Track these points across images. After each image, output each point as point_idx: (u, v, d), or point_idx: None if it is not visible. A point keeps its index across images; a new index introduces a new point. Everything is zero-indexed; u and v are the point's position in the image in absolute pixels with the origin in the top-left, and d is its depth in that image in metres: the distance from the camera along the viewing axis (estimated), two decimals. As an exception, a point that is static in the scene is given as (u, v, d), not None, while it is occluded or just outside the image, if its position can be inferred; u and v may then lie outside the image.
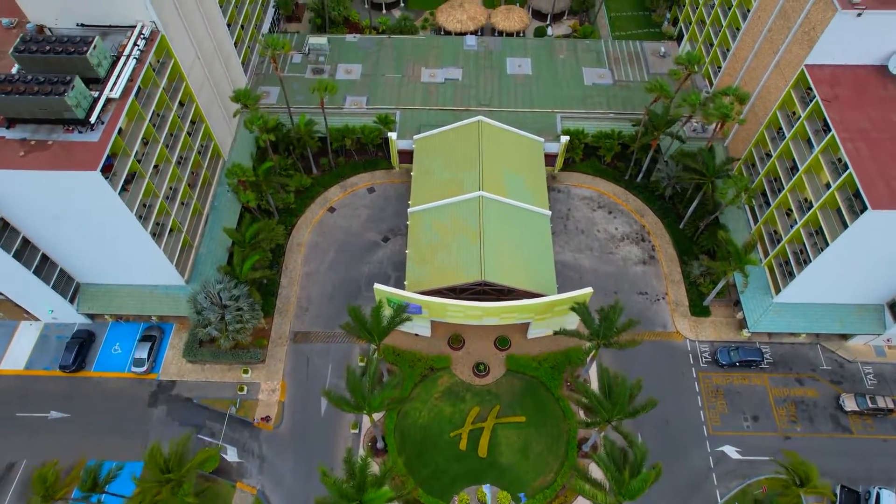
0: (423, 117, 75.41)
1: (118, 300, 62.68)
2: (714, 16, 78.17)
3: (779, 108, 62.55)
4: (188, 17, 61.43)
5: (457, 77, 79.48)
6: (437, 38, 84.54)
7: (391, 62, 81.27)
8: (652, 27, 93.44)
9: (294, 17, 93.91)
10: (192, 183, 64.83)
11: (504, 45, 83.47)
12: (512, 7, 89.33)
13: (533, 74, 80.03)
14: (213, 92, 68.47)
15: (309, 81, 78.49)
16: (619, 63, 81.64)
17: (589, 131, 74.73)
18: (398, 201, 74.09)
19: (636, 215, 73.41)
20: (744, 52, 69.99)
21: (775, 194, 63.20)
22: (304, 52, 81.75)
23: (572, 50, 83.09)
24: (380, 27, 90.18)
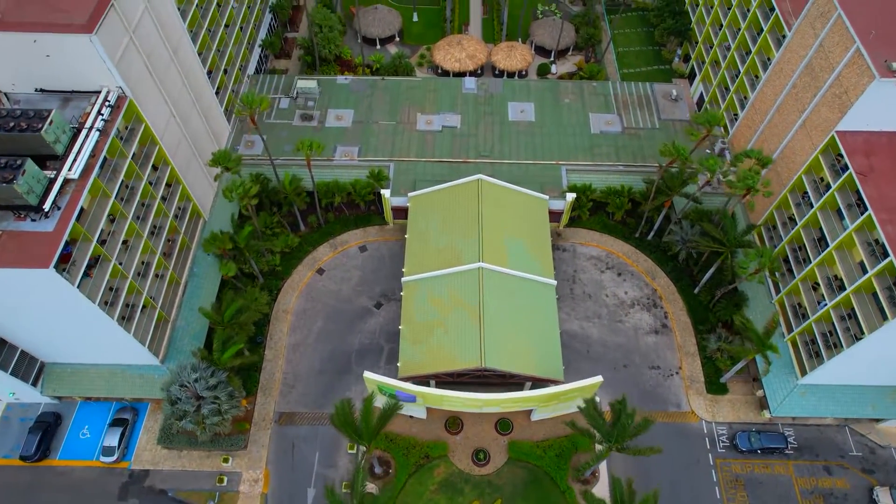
0: (418, 170, 70.35)
1: (86, 381, 57.67)
2: (730, 59, 73.09)
3: (805, 173, 57.55)
4: (161, 74, 56.34)
5: (455, 124, 74.38)
6: (434, 80, 79.39)
7: (385, 107, 76.16)
8: (662, 63, 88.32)
9: (283, 54, 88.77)
10: (169, 251, 59.81)
11: (505, 87, 78.35)
12: (513, 44, 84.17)
13: (536, 121, 74.91)
14: (192, 148, 63.42)
15: (297, 129, 73.63)
16: (627, 107, 76.53)
17: (597, 186, 69.70)
18: (392, 261, 69.07)
19: (647, 277, 68.36)
20: (764, 104, 64.92)
21: (800, 265, 58.19)
22: (293, 97, 76.63)
23: (578, 93, 77.97)
24: (373, 65, 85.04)
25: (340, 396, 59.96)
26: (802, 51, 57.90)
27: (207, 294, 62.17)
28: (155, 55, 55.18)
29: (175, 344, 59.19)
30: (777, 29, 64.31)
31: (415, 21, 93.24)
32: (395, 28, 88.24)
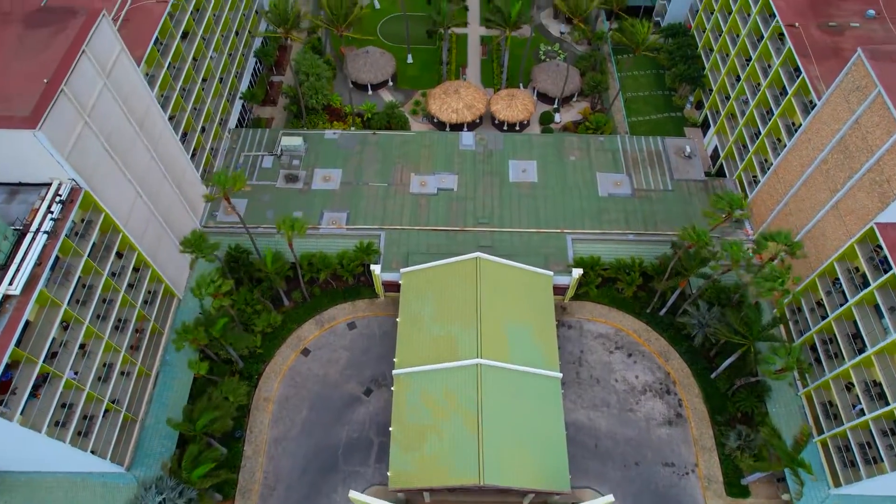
0: (411, 240, 64.87)
1: (43, 492, 52.15)
2: (749, 117, 67.62)
3: (837, 261, 52.07)
4: (124, 154, 50.86)
5: (451, 186, 68.86)
6: (429, 135, 73.81)
7: (376, 165, 70.63)
8: (673, 110, 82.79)
9: (268, 100, 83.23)
10: (137, 344, 54.37)
11: (506, 143, 72.78)
12: (514, 92, 78.56)
13: (539, 182, 69.41)
14: (162, 225, 57.94)
15: (281, 192, 68.18)
16: (637, 165, 71.00)
17: (605, 259, 64.29)
18: (383, 340, 63.61)
19: (660, 359, 62.91)
20: (789, 174, 59.43)
21: (831, 360, 52.76)
22: (277, 154, 71.09)
23: (584, 149, 72.44)
24: (365, 115, 79.50)
25: (326, 501, 54.92)
26: (835, 124, 52.39)
27: (181, 387, 56.83)
28: (117, 135, 49.69)
29: (143, 447, 53.81)
30: (803, 93, 58.86)
31: (409, 62, 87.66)
32: (387, 73, 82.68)
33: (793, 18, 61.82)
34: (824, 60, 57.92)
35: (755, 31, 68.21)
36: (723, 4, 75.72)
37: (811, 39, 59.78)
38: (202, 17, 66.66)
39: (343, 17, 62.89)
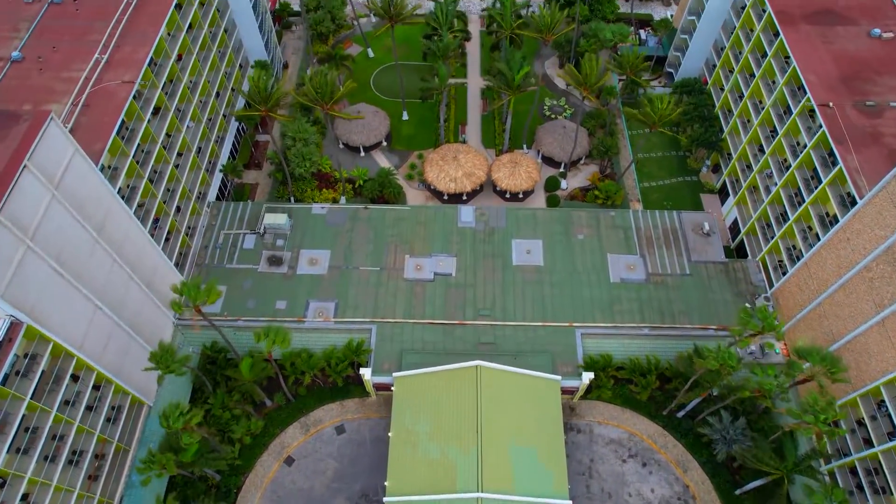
0: (405, 335, 59.07)
1: None
2: (775, 196, 61.83)
3: (885, 385, 46.23)
4: (80, 268, 45.07)
5: (449, 271, 63.04)
6: (425, 210, 67.92)
7: (367, 246, 64.81)
8: (688, 174, 76.97)
9: (253, 163, 77.47)
10: (96, 473, 48.52)
11: (508, 219, 66.94)
12: (517, 158, 72.69)
13: (545, 265, 63.59)
14: (128, 333, 52.08)
15: (264, 278, 62.45)
16: (652, 245, 65.19)
17: (618, 357, 58.56)
18: (374, 447, 57.83)
19: (678, 469, 57.06)
20: (823, 272, 53.58)
21: (878, 496, 46.85)
22: (259, 232, 65.30)
23: (594, 225, 66.61)
24: (357, 181, 73.70)
25: None
26: (880, 230, 46.56)
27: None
28: (70, 249, 43.89)
29: (102, 588, 47.94)
30: (839, 182, 53.04)
31: (404, 119, 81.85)
32: (381, 133, 76.86)
33: (825, 95, 56.04)
34: (863, 148, 52.15)
35: (781, 102, 62.49)
36: (743, 65, 69.98)
37: (847, 121, 53.98)
38: (176, 88, 60.93)
39: (328, 95, 57.04)
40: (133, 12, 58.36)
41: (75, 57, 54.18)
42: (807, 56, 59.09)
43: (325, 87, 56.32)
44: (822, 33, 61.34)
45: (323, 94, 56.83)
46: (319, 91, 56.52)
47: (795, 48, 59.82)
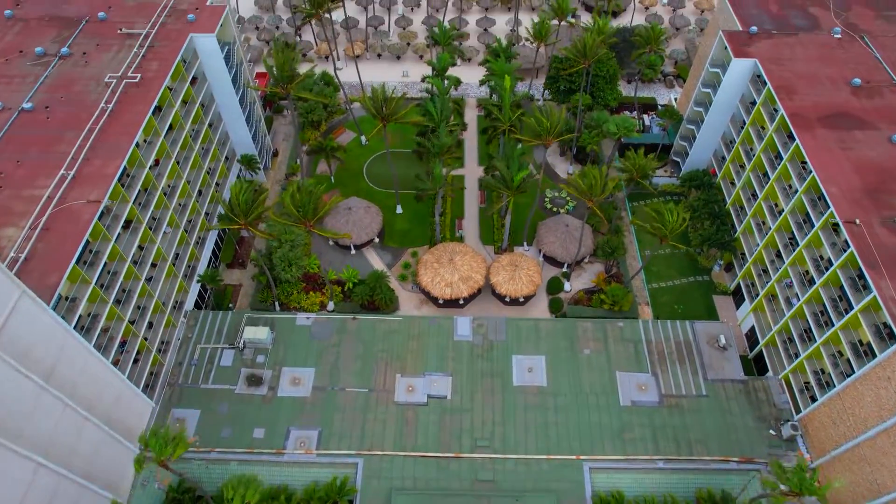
0: (395, 470, 53.30)
1: None
2: (798, 311, 56.97)
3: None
4: (20, 424, 39.79)
5: (444, 393, 57.69)
6: (419, 322, 62.94)
7: (355, 363, 59.63)
8: (699, 273, 72.25)
9: (236, 261, 72.99)
10: None
11: (508, 331, 61.94)
12: (517, 260, 68.14)
13: (549, 386, 58.26)
14: (82, 483, 46.28)
15: (241, 400, 57.34)
16: (664, 361, 60.00)
17: (630, 494, 52.59)
18: None
19: None
20: (860, 408, 48.18)
21: None
22: (238, 347, 60.27)
23: (601, 338, 61.54)
24: (346, 284, 69.03)
25: None
26: (925, 377, 41.43)
27: None
28: (5, 405, 38.72)
29: None
30: (873, 310, 48.20)
31: (398, 213, 77.81)
32: (373, 230, 72.60)
33: (850, 209, 51.77)
34: (898, 273, 47.52)
35: (800, 209, 58.35)
36: (756, 164, 66.19)
37: (877, 241, 49.54)
38: (151, 198, 56.91)
39: (312, 212, 52.92)
40: (108, 119, 54.80)
41: (40, 172, 50.27)
42: (826, 164, 55.19)
43: (307, 206, 52.18)
44: (839, 139, 57.64)
45: (306, 212, 52.64)
46: (301, 209, 52.33)
47: (813, 155, 55.99)
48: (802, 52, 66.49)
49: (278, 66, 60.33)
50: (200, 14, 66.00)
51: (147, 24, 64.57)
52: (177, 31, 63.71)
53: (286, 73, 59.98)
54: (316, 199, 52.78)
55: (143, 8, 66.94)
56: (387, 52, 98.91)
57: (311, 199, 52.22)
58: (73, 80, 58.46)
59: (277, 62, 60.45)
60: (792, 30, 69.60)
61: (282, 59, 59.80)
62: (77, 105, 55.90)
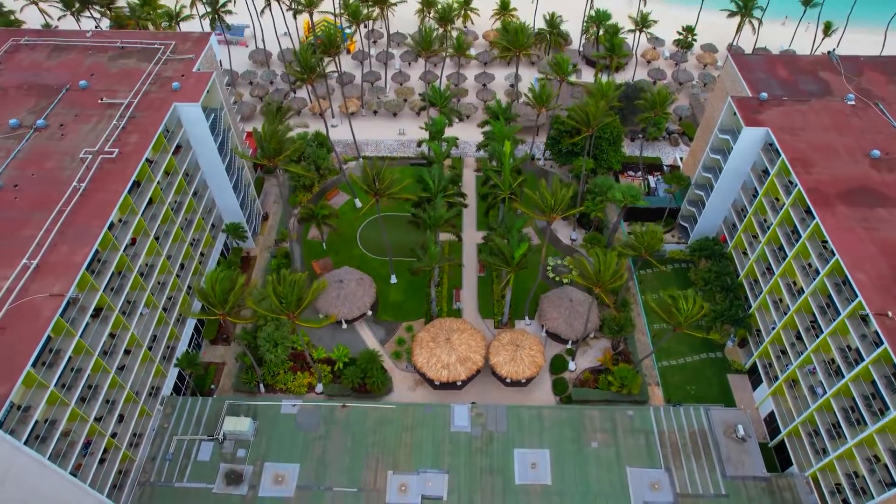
0: (385, 587, 48.23)
1: None
2: (825, 403, 52.49)
3: None
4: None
5: (440, 494, 52.89)
6: (412, 411, 58.36)
7: (343, 458, 54.94)
8: (712, 349, 67.87)
9: (220, 337, 68.71)
10: None
11: (510, 420, 57.42)
12: (519, 338, 63.89)
13: (554, 485, 53.48)
14: None
15: (219, 500, 52.25)
16: (678, 454, 55.30)
17: None
18: None
19: None
20: (900, 525, 43.37)
21: None
22: (218, 439, 55.64)
23: (609, 429, 56.94)
24: (336, 363, 64.65)
25: None
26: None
27: None
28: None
29: None
30: (911, 414, 43.78)
31: (393, 283, 73.87)
32: (365, 304, 68.45)
33: (880, 299, 47.69)
34: (937, 374, 43.23)
35: (822, 291, 54.36)
36: (771, 238, 62.49)
37: (911, 335, 45.39)
38: (125, 282, 53.00)
39: (295, 303, 48.95)
40: (80, 200, 51.17)
41: (0, 262, 46.42)
42: (850, 247, 51.37)
43: (290, 296, 48.24)
44: (862, 217, 53.97)
45: (288, 304, 48.69)
46: (284, 300, 48.38)
47: (835, 236, 52.21)
48: (816, 119, 63.42)
49: (265, 138, 57.10)
50: (186, 81, 63.13)
51: (130, 92, 61.65)
52: (160, 101, 60.70)
53: (273, 147, 56.69)
54: (299, 289, 48.78)
55: (126, 75, 64.13)
56: (383, 108, 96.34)
57: (293, 290, 48.25)
58: (46, 155, 55.15)
59: (264, 134, 57.26)
60: (803, 96, 66.71)
61: (269, 132, 56.59)
62: (48, 183, 52.44)
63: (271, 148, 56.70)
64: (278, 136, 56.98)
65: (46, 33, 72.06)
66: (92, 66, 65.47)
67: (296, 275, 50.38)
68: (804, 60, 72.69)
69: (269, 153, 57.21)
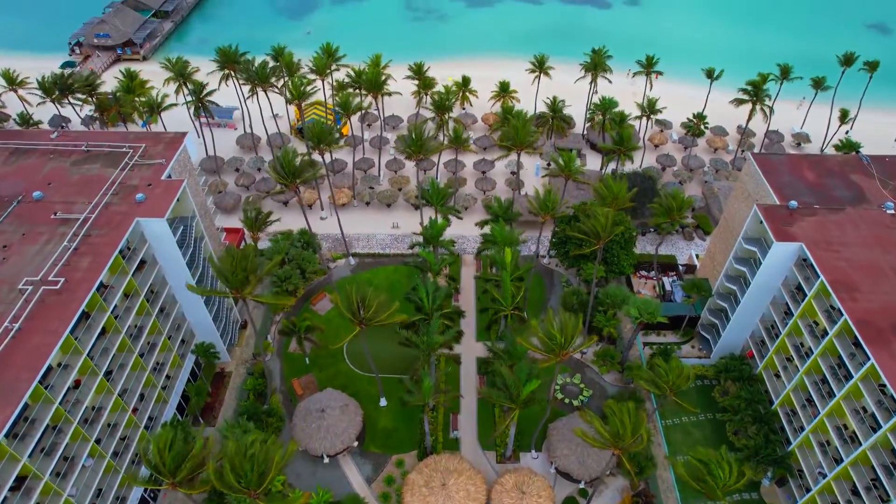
0: None
1: None
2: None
3: None
4: None
5: None
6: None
7: None
8: (745, 489, 59.14)
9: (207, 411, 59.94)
10: None
11: None
12: (525, 481, 55.46)
13: None
14: None
15: None
16: None
17: None
18: None
19: None
20: None
21: None
22: None
23: None
24: (315, 511, 55.97)
25: None
26: None
27: None
28: None
29: None
30: None
31: (382, 405, 65.79)
32: (351, 434, 60.27)
33: (959, 468, 39.77)
34: None
35: (883, 444, 46.43)
36: (812, 367, 54.82)
37: None
38: (60, 439, 45.02)
39: (256, 481, 40.60)
40: (11, 344, 43.67)
41: None
42: (916, 397, 43.75)
43: (249, 475, 40.13)
44: (925, 357, 46.52)
45: (249, 482, 40.53)
46: (243, 479, 40.25)
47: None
48: (854, 233, 56.86)
49: (228, 271, 50.07)
50: (152, 192, 56.88)
51: (88, 205, 55.25)
52: (121, 216, 54.24)
53: (239, 278, 49.77)
54: (261, 462, 40.73)
55: (88, 184, 57.97)
56: (376, 199, 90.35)
57: (254, 466, 40.24)
58: (-19, 284, 48.23)
59: (226, 267, 50.28)
60: (836, 203, 60.41)
61: (230, 266, 49.51)
62: (-23, 322, 45.25)
63: (236, 280, 49.68)
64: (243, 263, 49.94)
65: (6, 134, 66.41)
66: (51, 174, 59.40)
67: (257, 439, 42.26)
68: (832, 161, 66.74)
69: (234, 285, 50.17)
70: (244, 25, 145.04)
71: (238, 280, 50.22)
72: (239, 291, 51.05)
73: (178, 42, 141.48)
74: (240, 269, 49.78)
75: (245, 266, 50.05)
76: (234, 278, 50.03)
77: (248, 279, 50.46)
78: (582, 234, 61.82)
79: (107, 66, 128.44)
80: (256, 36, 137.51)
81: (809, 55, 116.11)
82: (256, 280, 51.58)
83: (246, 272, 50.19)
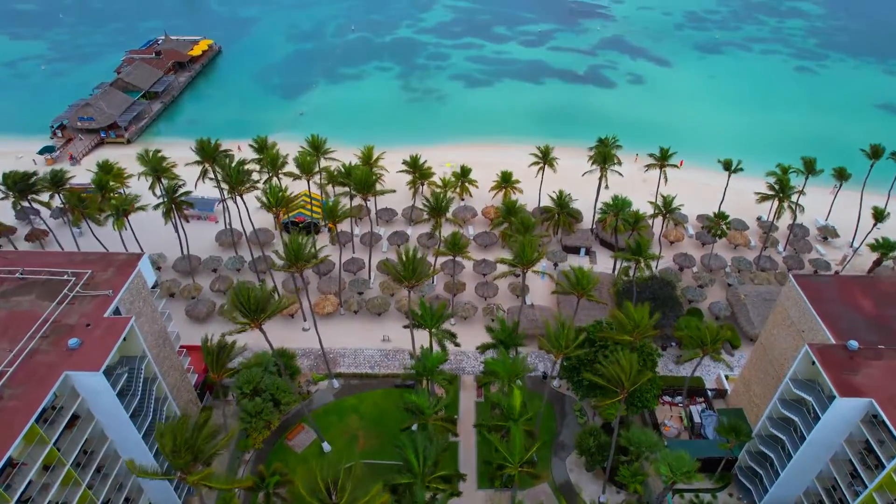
0: None
1: None
2: None
3: None
4: None
5: None
6: None
7: None
8: None
9: None
10: None
11: None
12: None
13: None
14: None
15: None
16: None
17: None
18: None
19: None
20: None
21: None
22: None
23: None
24: None
25: None
26: None
27: None
28: None
29: None
30: None
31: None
32: None
33: None
34: None
35: None
36: (893, 556, 44.25)
37: None
38: None
39: None
40: None
41: None
42: None
43: None
44: None
45: None
46: None
47: None
48: (933, 382, 47.32)
49: (177, 441, 40.54)
50: (91, 333, 47.67)
51: (9, 353, 45.96)
52: (46, 368, 44.89)
53: (184, 460, 40.08)
54: None
55: (13, 323, 48.76)
56: (365, 308, 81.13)
57: None
58: None
59: (178, 436, 40.76)
60: (902, 340, 51.20)
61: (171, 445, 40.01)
62: None
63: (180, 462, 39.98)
64: (194, 434, 40.45)
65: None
66: (-29, 310, 50.50)
67: None
68: (886, 284, 57.95)
69: (178, 466, 40.37)
70: (236, 106, 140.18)
71: (182, 462, 40.46)
72: (185, 474, 41.19)
73: (166, 123, 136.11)
74: (183, 448, 40.09)
75: (193, 444, 40.38)
76: (177, 460, 40.27)
77: (195, 459, 40.70)
78: (601, 381, 52.24)
79: (89, 149, 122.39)
80: (248, 117, 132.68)
81: (822, 136, 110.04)
82: (206, 461, 41.75)
83: (194, 451, 40.47)
